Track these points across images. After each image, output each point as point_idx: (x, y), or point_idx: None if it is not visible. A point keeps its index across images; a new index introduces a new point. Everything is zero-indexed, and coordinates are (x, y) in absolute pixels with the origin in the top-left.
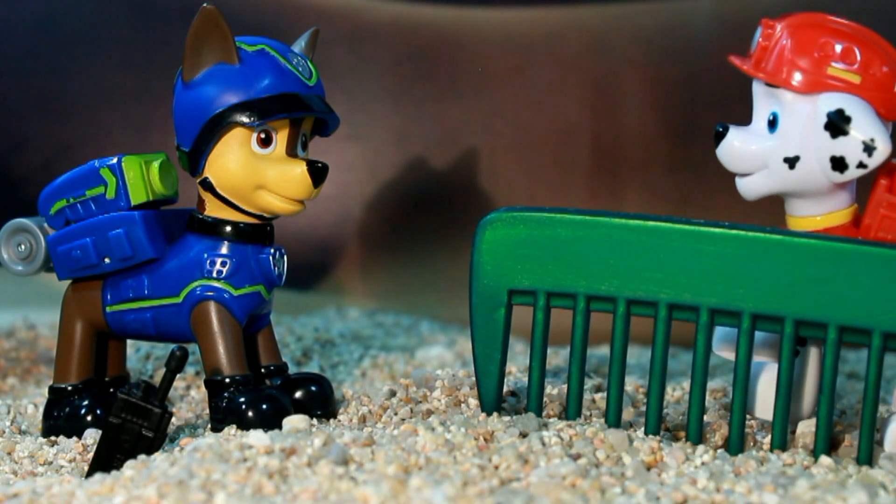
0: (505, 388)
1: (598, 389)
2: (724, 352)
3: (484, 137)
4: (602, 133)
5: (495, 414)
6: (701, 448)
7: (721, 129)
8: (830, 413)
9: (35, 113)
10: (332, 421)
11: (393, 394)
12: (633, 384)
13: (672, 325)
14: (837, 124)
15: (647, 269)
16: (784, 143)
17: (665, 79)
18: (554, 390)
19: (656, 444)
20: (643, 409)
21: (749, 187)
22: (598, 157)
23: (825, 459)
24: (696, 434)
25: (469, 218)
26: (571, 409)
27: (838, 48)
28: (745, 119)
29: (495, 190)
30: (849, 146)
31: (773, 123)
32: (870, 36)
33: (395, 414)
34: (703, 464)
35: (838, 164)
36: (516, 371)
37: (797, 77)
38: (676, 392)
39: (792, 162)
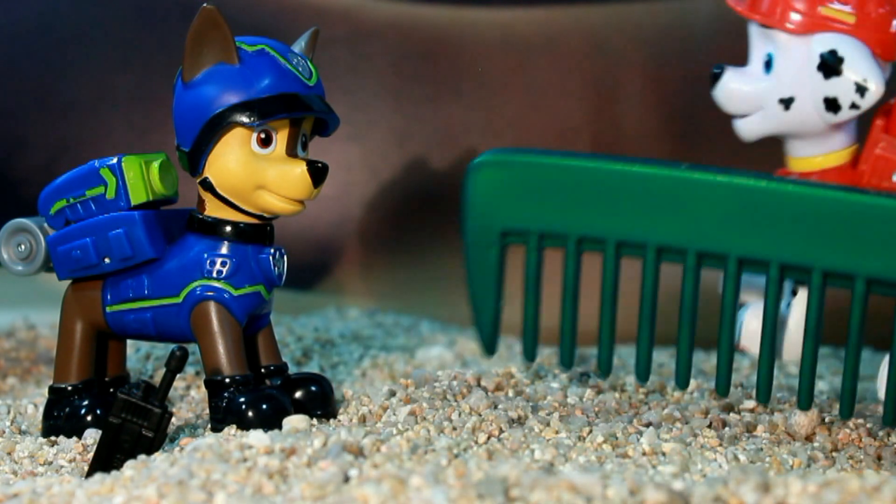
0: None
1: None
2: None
3: (484, 137)
4: (602, 133)
5: (496, 414)
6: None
7: (717, 71)
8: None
9: (35, 113)
10: (332, 421)
11: (393, 394)
12: (634, 385)
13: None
14: (830, 65)
15: (634, 213)
16: (779, 84)
17: (665, 79)
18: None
19: (656, 445)
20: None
21: (746, 128)
22: None
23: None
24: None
25: None
26: (564, 355)
27: None
28: None
29: None
30: (842, 87)
31: (768, 64)
32: None
33: (395, 414)
34: (702, 463)
35: (832, 104)
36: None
37: (791, 18)
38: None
39: (787, 103)
